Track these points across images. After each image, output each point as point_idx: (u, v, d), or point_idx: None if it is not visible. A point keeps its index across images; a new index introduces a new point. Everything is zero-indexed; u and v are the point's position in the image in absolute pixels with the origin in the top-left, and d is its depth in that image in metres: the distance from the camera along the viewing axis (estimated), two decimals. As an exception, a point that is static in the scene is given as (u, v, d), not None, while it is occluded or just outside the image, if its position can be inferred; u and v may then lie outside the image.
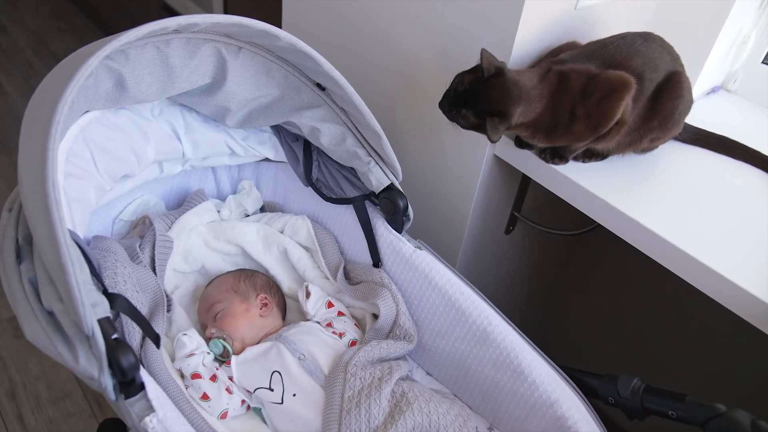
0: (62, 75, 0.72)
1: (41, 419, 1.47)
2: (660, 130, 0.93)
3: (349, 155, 0.98)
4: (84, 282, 0.67)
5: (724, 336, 1.24)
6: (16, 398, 1.51)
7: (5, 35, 3.00)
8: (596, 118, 0.85)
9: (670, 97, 0.90)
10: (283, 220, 1.10)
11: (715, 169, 1.00)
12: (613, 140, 0.90)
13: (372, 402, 0.83)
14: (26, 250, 0.78)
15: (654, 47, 0.89)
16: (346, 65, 0.94)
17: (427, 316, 0.98)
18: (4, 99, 2.57)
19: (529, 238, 1.30)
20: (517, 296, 1.46)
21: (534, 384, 0.86)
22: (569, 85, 0.85)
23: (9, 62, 2.80)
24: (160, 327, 0.88)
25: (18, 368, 1.57)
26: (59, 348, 0.69)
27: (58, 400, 1.50)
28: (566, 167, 0.95)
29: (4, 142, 2.34)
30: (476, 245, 1.19)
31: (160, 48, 0.86)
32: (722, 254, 0.82)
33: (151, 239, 0.99)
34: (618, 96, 0.84)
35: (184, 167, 1.06)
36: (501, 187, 1.11)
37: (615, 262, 1.40)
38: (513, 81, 0.84)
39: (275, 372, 0.88)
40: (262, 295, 1.01)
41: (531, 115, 0.86)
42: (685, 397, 0.78)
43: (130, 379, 0.69)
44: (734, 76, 1.19)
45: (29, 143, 0.72)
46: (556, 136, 0.88)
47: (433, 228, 1.19)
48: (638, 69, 0.87)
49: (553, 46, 0.96)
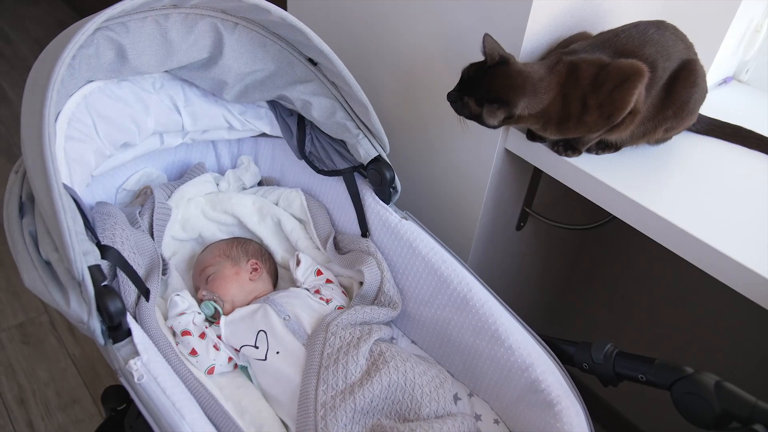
0: (61, 40, 0.77)
1: (51, 425, 1.48)
2: (675, 120, 0.91)
3: (339, 128, 1.02)
4: (76, 232, 0.72)
5: (742, 330, 1.21)
6: (25, 404, 1.52)
7: (9, 44, 3.01)
8: (609, 107, 0.84)
9: (685, 85, 0.88)
10: (278, 192, 1.15)
11: (730, 159, 0.98)
12: (627, 130, 0.89)
13: (350, 359, 0.86)
14: (28, 206, 0.83)
15: (667, 35, 0.88)
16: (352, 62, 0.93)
17: (411, 284, 1.00)
18: (9, 107, 2.59)
19: (540, 234, 1.29)
20: (530, 292, 1.45)
21: (510, 348, 0.88)
22: (580, 75, 0.84)
23: (13, 70, 2.82)
24: (154, 286, 0.92)
25: (27, 375, 1.58)
26: (53, 294, 0.74)
27: (67, 406, 1.52)
28: (579, 159, 0.93)
29: (9, 149, 2.36)
30: (487, 242, 1.19)
31: (159, 22, 0.91)
32: (741, 243, 0.80)
33: (150, 206, 1.03)
34: (631, 85, 0.82)
35: (184, 140, 1.11)
36: (512, 183, 1.11)
37: (627, 256, 1.38)
38: (518, 71, 0.83)
39: (261, 331, 0.92)
40: (252, 260, 1.05)
41: (539, 106, 0.85)
42: (654, 360, 0.79)
43: (117, 324, 0.74)
44: (746, 66, 1.16)
45: (29, 103, 0.77)
46: (568, 127, 0.87)
47: (445, 225, 1.20)
48: (651, 57, 0.85)
49: (564, 38, 0.95)
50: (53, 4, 3.42)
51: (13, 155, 2.33)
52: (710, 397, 0.73)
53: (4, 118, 2.52)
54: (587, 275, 1.50)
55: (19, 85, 2.73)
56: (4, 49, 2.99)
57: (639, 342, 1.45)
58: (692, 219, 0.84)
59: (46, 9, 3.36)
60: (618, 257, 1.41)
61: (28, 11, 3.33)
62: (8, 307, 1.76)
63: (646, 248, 0.89)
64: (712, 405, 0.73)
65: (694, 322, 1.31)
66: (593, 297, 1.52)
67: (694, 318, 1.30)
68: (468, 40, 0.97)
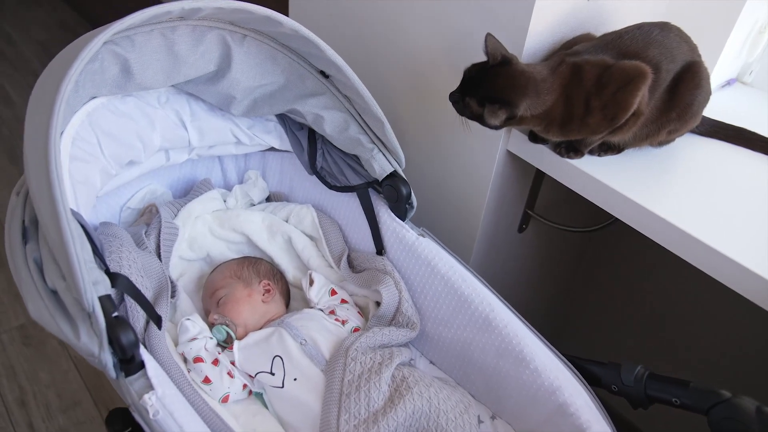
0: (67, 55, 0.73)
1: (52, 427, 1.46)
2: (678, 122, 0.91)
3: (352, 142, 0.99)
4: (85, 260, 0.68)
5: (746, 333, 1.21)
6: (26, 406, 1.50)
7: (12, 46, 3.00)
8: (612, 109, 0.83)
9: (689, 87, 0.88)
10: (288, 208, 1.11)
11: (734, 161, 0.97)
12: (630, 132, 0.88)
13: (372, 386, 0.83)
14: (32, 231, 0.79)
15: (671, 37, 0.87)
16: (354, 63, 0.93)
17: (430, 303, 0.97)
18: (12, 109, 2.58)
19: (542, 236, 1.28)
20: (531, 295, 1.44)
21: (536, 371, 0.85)
22: (583, 76, 0.83)
23: (16, 72, 2.81)
24: (163, 311, 0.89)
25: (28, 376, 1.56)
26: (61, 325, 0.70)
27: (69, 409, 1.50)
28: (582, 161, 0.93)
29: (11, 151, 2.34)
30: (489, 245, 1.18)
31: (166, 35, 0.87)
32: (744, 246, 0.80)
33: (156, 226, 1.00)
34: (634, 86, 0.82)
35: (190, 156, 1.07)
36: (514, 185, 1.10)
37: (629, 259, 1.38)
38: (520, 71, 0.83)
39: (276, 356, 0.88)
40: (265, 281, 1.02)
41: (541, 108, 0.84)
42: (689, 383, 0.77)
43: (129, 357, 0.70)
44: (750, 67, 1.16)
45: (34, 123, 0.73)
46: (571, 129, 0.87)
47: (446, 227, 1.18)
48: (655, 59, 0.85)
49: (567, 39, 0.94)
50: (55, 5, 3.40)
51: (16, 157, 2.31)
52: (751, 423, 0.70)
53: (7, 120, 2.51)
54: (589, 278, 1.50)
55: (22, 86, 2.72)
56: (6, 50, 2.98)
57: (641, 344, 1.44)
58: (695, 221, 0.83)
59: (48, 11, 3.35)
60: (620, 260, 1.40)
61: (31, 13, 3.32)
62: (9, 309, 1.74)
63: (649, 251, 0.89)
64: (752, 431, 0.70)
65: (697, 325, 1.30)
66: (595, 300, 1.51)
67: (697, 321, 1.30)
68: (470, 40, 0.96)
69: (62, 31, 3.15)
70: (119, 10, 0.86)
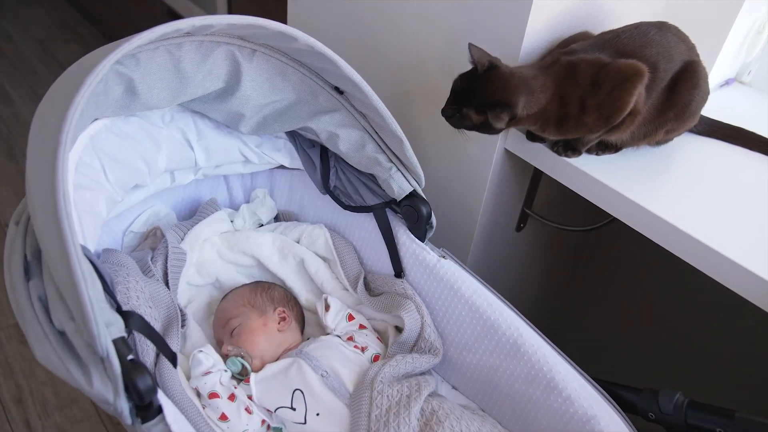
0: (72, 80, 0.68)
1: (48, 425, 1.45)
2: (676, 122, 0.91)
3: (369, 161, 0.94)
4: (97, 300, 0.63)
5: (744, 332, 1.20)
6: (23, 404, 1.49)
7: (11, 44, 2.99)
8: (608, 108, 0.83)
9: (686, 87, 0.88)
10: (300, 229, 1.06)
11: (732, 161, 0.97)
12: (627, 131, 0.88)
13: (401, 421, 0.79)
14: (35, 266, 0.74)
15: (669, 37, 0.87)
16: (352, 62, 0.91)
17: (453, 328, 0.93)
18: (11, 107, 2.57)
19: (540, 235, 1.28)
20: (529, 293, 1.44)
21: (569, 399, 0.82)
22: (578, 75, 0.83)
23: (15, 71, 2.79)
24: (174, 343, 0.84)
25: (25, 374, 1.55)
26: (72, 370, 0.65)
27: (65, 407, 1.49)
28: (579, 160, 0.92)
29: (10, 149, 2.33)
30: (487, 243, 1.17)
31: (171, 52, 0.82)
32: (742, 245, 0.79)
33: (163, 252, 0.95)
34: (630, 85, 0.82)
35: (196, 176, 1.02)
36: (512, 183, 1.09)
37: (627, 258, 1.38)
38: (510, 73, 0.83)
39: (297, 390, 0.84)
40: (280, 309, 0.97)
41: (536, 106, 0.84)
42: (735, 413, 0.74)
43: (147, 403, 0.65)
44: (748, 67, 1.16)
45: (38, 153, 0.68)
46: (567, 128, 0.86)
47: (444, 226, 1.16)
48: (652, 59, 0.85)
49: (564, 37, 0.94)
50: (55, 4, 3.37)
51: (15, 155, 2.28)
52: (803, 457, 0.67)
53: (6, 119, 2.49)
54: (587, 276, 1.49)
55: (22, 85, 2.70)
56: (6, 49, 2.95)
57: (639, 343, 1.43)
58: (693, 220, 0.83)
59: (48, 9, 3.32)
60: (618, 259, 1.40)
61: (30, 11, 3.29)
62: (7, 306, 1.70)
63: (647, 249, 0.90)
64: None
65: (696, 324, 1.30)
66: (594, 299, 1.51)
67: (696, 320, 1.30)
68: (467, 39, 0.94)
69: (62, 30, 3.11)
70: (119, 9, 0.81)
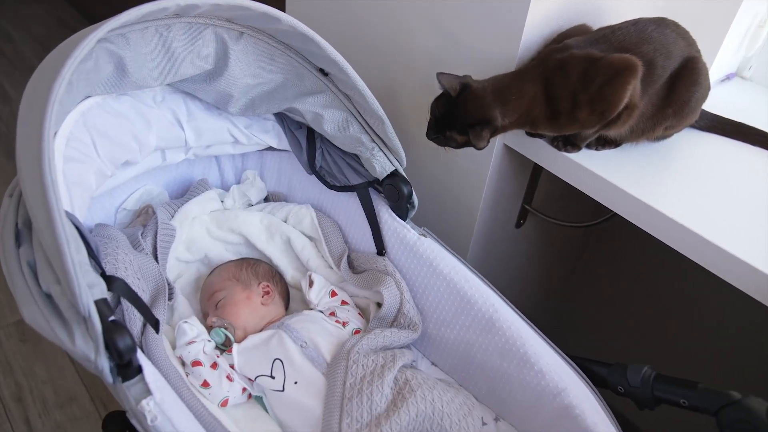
0: (60, 54, 0.71)
1: (48, 423, 1.45)
2: (675, 118, 0.90)
3: (352, 141, 0.97)
4: (81, 263, 0.66)
5: (746, 328, 1.20)
6: (22, 402, 1.49)
7: (11, 43, 3.00)
8: (601, 103, 0.82)
9: (686, 84, 0.87)
10: (287, 209, 1.09)
11: (733, 156, 0.97)
12: (626, 125, 0.87)
13: (374, 389, 0.81)
14: (25, 234, 0.77)
15: (668, 33, 0.86)
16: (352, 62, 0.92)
17: (432, 304, 0.96)
18: (10, 106, 2.57)
19: (540, 231, 1.28)
20: (529, 291, 1.44)
21: (541, 372, 0.84)
22: (569, 71, 0.83)
23: (15, 70, 2.80)
24: (161, 314, 0.87)
25: (25, 372, 1.56)
26: (56, 330, 0.68)
27: (65, 404, 1.49)
28: (579, 155, 0.92)
29: (10, 149, 2.35)
30: (486, 240, 1.17)
31: (161, 32, 0.85)
32: (743, 240, 0.79)
33: (153, 228, 0.98)
34: (623, 80, 0.81)
35: (187, 155, 1.06)
36: (511, 179, 1.09)
37: (628, 254, 1.38)
38: (481, 89, 0.85)
39: (276, 359, 0.87)
40: (264, 284, 1.00)
41: (515, 113, 0.85)
42: (697, 384, 0.76)
43: (127, 362, 0.68)
44: (749, 62, 1.16)
45: (27, 124, 0.72)
46: (560, 124, 0.86)
47: (442, 222, 1.18)
48: (649, 55, 0.84)
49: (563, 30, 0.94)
50: (54, 3, 3.39)
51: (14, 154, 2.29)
52: (762, 425, 0.69)
53: (5, 117, 2.50)
54: (587, 273, 1.49)
55: (21, 84, 2.73)
56: (5, 47, 2.97)
57: (640, 340, 1.44)
58: (693, 216, 0.83)
59: (47, 8, 3.33)
60: (619, 254, 1.40)
61: (29, 10, 3.31)
62: (6, 305, 1.72)
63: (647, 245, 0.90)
64: (763, 432, 0.69)
65: (696, 320, 1.30)
66: (594, 295, 1.51)
67: (696, 315, 1.30)
68: (466, 34, 0.95)
69: (61, 29, 3.13)
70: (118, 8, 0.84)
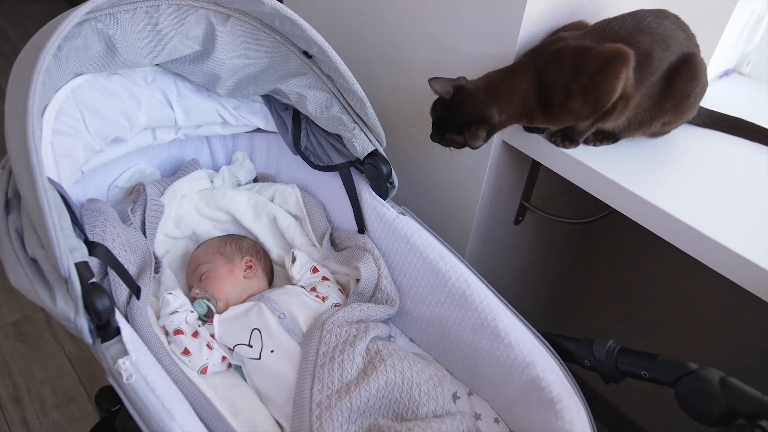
0: (47, 29, 0.75)
1: (46, 423, 1.46)
2: (673, 114, 0.90)
3: (334, 122, 1.00)
4: (63, 227, 0.70)
5: (744, 323, 1.20)
6: (20, 402, 1.50)
7: (8, 42, 3.01)
8: (593, 93, 0.82)
9: (685, 79, 0.87)
10: (273, 188, 1.12)
11: (731, 152, 0.97)
12: (622, 116, 0.87)
13: (345, 357, 0.84)
14: (14, 203, 0.81)
15: (667, 25, 0.85)
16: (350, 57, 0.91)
17: (409, 280, 0.98)
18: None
19: (538, 228, 1.28)
20: (528, 287, 1.44)
21: (510, 346, 0.86)
22: (561, 62, 0.83)
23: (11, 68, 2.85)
24: (146, 284, 0.90)
25: (22, 372, 1.57)
26: (39, 292, 0.71)
27: (63, 405, 1.50)
28: (578, 152, 0.92)
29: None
30: (485, 236, 1.17)
31: (149, 13, 0.89)
32: (741, 235, 0.79)
33: (142, 204, 1.01)
34: (614, 69, 0.81)
35: (177, 135, 1.09)
36: (510, 176, 1.09)
37: (626, 250, 1.38)
38: (474, 89, 0.86)
39: (255, 329, 0.90)
40: (247, 258, 1.03)
41: (511, 108, 0.86)
42: (657, 356, 0.77)
43: (105, 323, 0.72)
44: (747, 58, 1.16)
45: (13, 96, 0.75)
46: (554, 115, 0.86)
47: (441, 219, 1.18)
48: (646, 46, 0.83)
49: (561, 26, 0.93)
50: (52, 2, 3.41)
51: None
52: (715, 394, 0.71)
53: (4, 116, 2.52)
54: (587, 269, 1.49)
55: None
56: (3, 47, 2.98)
57: (639, 336, 1.44)
58: (692, 211, 0.83)
59: (45, 8, 3.35)
60: (618, 250, 1.40)
61: (27, 9, 3.32)
62: (4, 305, 1.75)
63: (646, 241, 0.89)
64: (717, 401, 0.71)
65: (695, 316, 1.29)
66: (593, 291, 1.51)
67: (695, 311, 1.29)
68: (464, 28, 0.96)
69: None
70: None
